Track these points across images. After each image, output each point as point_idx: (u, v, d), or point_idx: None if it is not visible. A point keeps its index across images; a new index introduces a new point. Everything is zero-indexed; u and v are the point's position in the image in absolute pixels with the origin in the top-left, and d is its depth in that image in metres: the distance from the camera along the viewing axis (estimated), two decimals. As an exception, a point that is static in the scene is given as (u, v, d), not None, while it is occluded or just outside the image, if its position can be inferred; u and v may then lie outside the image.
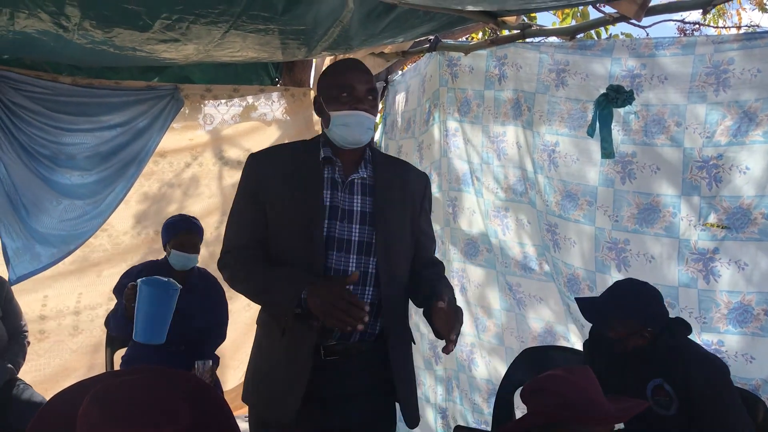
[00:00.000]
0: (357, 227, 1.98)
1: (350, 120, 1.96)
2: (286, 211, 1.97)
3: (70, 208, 3.43)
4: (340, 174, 2.01)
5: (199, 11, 2.49)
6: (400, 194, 2.08)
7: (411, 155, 3.91)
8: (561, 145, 3.02)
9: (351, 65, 2.05)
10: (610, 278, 2.85)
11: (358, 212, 1.99)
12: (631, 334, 2.26)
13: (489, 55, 3.33)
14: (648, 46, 2.75)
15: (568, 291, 3.04)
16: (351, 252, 1.96)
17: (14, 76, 3.19)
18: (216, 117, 3.98)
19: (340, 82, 1.98)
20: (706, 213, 2.61)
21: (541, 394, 1.81)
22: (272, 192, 1.99)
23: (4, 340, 3.08)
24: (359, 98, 1.97)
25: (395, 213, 2.05)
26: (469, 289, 3.59)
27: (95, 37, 2.61)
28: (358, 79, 1.98)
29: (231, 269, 2.02)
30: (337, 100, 1.97)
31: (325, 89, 2.03)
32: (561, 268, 3.06)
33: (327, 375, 1.96)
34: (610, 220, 2.86)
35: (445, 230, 3.68)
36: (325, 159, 2.01)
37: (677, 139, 2.67)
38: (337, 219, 1.96)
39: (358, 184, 2.03)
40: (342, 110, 1.95)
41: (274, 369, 2.00)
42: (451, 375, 3.77)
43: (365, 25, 2.86)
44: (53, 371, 3.76)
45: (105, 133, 3.49)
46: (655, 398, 2.20)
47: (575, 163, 2.97)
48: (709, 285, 2.59)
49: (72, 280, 3.77)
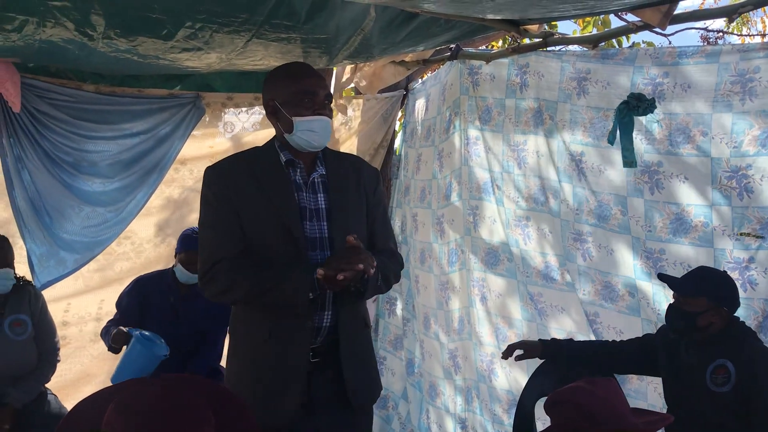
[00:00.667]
0: (325, 224, 2.07)
1: (315, 125, 2.04)
2: (263, 215, 2.02)
3: (92, 215, 3.45)
4: (302, 175, 2.10)
5: (221, 20, 2.51)
6: (355, 186, 2.16)
7: (431, 163, 3.90)
8: (587, 155, 3.00)
9: (308, 71, 2.12)
10: (650, 285, 2.85)
11: (323, 210, 2.08)
12: (709, 310, 2.35)
13: (510, 64, 3.32)
14: (671, 55, 2.72)
15: (602, 299, 3.02)
16: (325, 248, 2.05)
17: (39, 84, 3.23)
18: (236, 125, 4.00)
19: (301, 87, 2.05)
20: (739, 223, 2.58)
21: (564, 406, 1.79)
22: (245, 198, 2.03)
23: (33, 362, 3.06)
24: (321, 103, 2.06)
25: (351, 205, 2.13)
26: (490, 299, 3.57)
27: (119, 45, 2.64)
28: (319, 84, 2.07)
29: (222, 279, 2.01)
30: (300, 105, 2.03)
31: (283, 94, 2.07)
32: (593, 276, 3.04)
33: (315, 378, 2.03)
34: (643, 230, 2.84)
35: (466, 239, 3.66)
36: (288, 162, 2.09)
37: (704, 149, 2.64)
38: (307, 219, 2.05)
39: (318, 182, 2.11)
40: (306, 116, 2.03)
41: (263, 372, 2.02)
42: (471, 385, 3.75)
43: (386, 33, 2.86)
44: (74, 377, 3.78)
45: (127, 140, 3.51)
46: (713, 376, 2.32)
47: (603, 173, 2.95)
48: (746, 293, 2.56)
49: (94, 287, 3.79)
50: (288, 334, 2.00)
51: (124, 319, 3.27)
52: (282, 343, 2.00)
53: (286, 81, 2.09)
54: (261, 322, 2.04)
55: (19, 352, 3.00)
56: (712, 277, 2.43)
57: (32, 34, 2.47)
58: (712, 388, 2.32)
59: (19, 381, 2.99)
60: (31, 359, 3.06)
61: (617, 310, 2.99)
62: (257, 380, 2.03)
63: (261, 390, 2.01)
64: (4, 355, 2.95)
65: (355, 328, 2.15)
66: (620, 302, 2.98)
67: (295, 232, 2.00)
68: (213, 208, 2.05)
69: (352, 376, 2.09)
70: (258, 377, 2.03)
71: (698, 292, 2.37)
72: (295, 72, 2.12)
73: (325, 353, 2.07)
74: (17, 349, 2.99)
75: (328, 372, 2.07)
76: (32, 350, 3.06)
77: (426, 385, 4.08)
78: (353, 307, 2.13)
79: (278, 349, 2.01)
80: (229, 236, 2.02)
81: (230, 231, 2.02)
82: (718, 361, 2.32)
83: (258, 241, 2.03)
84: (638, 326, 2.92)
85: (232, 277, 2.00)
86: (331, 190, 2.11)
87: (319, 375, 2.05)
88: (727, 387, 2.29)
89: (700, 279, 2.41)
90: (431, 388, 4.03)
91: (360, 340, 2.18)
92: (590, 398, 1.78)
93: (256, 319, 2.05)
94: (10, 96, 3.06)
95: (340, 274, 1.85)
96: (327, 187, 2.11)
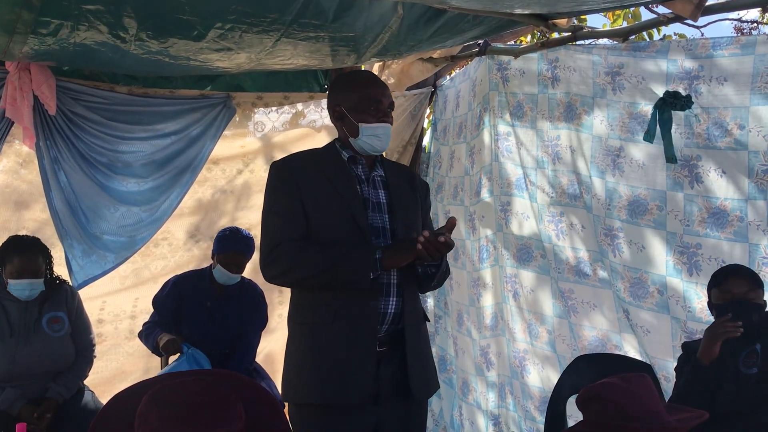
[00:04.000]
0: (387, 216, 2.18)
1: (380, 131, 2.17)
2: (329, 204, 2.11)
3: (127, 214, 3.51)
4: (364, 171, 2.22)
5: (251, 20, 2.53)
6: (409, 190, 2.30)
7: (463, 160, 3.89)
8: (625, 150, 2.97)
9: (375, 80, 2.25)
10: (681, 282, 2.81)
11: (385, 204, 2.20)
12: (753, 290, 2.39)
13: (540, 58, 3.29)
14: (705, 47, 2.68)
15: (631, 296, 2.99)
16: (387, 238, 2.15)
17: (74, 86, 3.29)
18: (267, 124, 4.02)
19: (368, 96, 2.17)
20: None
21: (597, 402, 1.77)
22: (311, 187, 2.12)
23: (71, 358, 3.14)
24: (385, 111, 2.19)
25: (410, 204, 2.27)
26: (522, 295, 3.55)
27: (151, 47, 2.67)
28: (384, 93, 2.20)
29: (284, 260, 2.07)
30: (366, 112, 2.15)
31: (351, 101, 2.18)
32: (623, 272, 3.00)
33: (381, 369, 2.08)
34: (681, 224, 2.80)
35: (498, 235, 3.65)
36: (351, 159, 2.21)
37: (741, 142, 2.60)
38: (370, 210, 2.15)
39: (378, 180, 2.23)
40: (372, 122, 2.15)
41: (330, 354, 2.05)
42: (504, 381, 3.73)
43: (414, 30, 2.86)
44: (110, 374, 3.85)
45: (160, 141, 3.56)
46: (746, 360, 2.37)
47: (642, 167, 2.91)
48: None
49: (129, 286, 3.86)
50: (354, 316, 2.05)
51: (163, 319, 3.33)
52: (349, 324, 2.05)
53: (354, 89, 2.20)
54: (326, 306, 2.07)
55: (58, 347, 3.07)
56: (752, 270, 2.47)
57: (67, 37, 2.52)
58: (743, 371, 2.36)
59: (59, 376, 3.06)
60: (69, 355, 3.13)
61: (646, 308, 2.95)
62: (323, 361, 2.05)
63: (327, 371, 2.04)
64: (44, 351, 3.02)
65: (417, 318, 2.22)
66: (649, 299, 2.93)
67: (359, 221, 2.09)
68: (278, 196, 2.14)
69: (416, 368, 2.13)
70: (324, 359, 2.05)
71: (760, 284, 2.41)
72: (363, 80, 2.24)
73: (390, 343, 2.11)
74: (56, 345, 3.07)
75: (393, 363, 2.11)
76: (70, 346, 3.14)
77: (459, 382, 4.07)
78: (415, 297, 2.21)
79: (346, 330, 2.05)
80: (293, 222, 2.10)
81: (294, 217, 2.10)
82: (751, 347, 2.35)
83: (323, 229, 2.11)
84: (667, 324, 2.88)
85: (293, 257, 2.06)
86: (390, 187, 2.23)
87: (385, 366, 2.09)
88: (754, 369, 2.36)
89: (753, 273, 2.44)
90: (464, 384, 4.02)
91: (422, 332, 2.25)
92: (623, 394, 1.75)
93: (320, 304, 2.09)
94: (46, 99, 3.13)
95: (441, 237, 1.94)
96: (386, 185, 2.24)
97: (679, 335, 2.83)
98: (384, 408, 2.09)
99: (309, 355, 2.09)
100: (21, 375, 2.96)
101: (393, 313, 2.11)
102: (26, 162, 3.43)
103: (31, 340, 3.00)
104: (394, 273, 2.12)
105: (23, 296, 3.01)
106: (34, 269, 3.01)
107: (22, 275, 2.98)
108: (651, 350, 2.95)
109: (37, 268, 3.03)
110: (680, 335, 2.83)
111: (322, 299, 2.08)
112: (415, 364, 2.13)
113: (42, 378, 3.02)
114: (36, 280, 3.01)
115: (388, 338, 2.11)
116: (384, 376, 2.08)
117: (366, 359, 2.05)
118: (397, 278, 2.12)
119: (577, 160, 3.17)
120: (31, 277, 2.99)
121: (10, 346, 2.95)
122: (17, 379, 2.96)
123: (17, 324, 3.00)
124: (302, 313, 2.15)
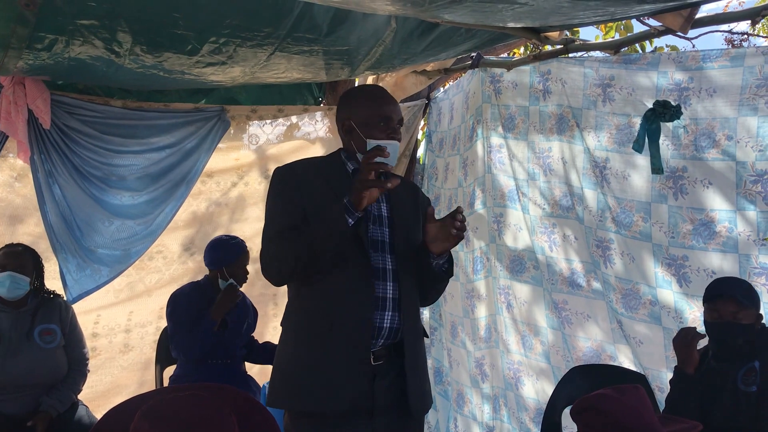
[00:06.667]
0: (387, 230, 2.17)
1: (388, 148, 2.10)
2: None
3: (122, 228, 3.50)
4: None
5: (245, 34, 2.55)
6: (412, 204, 2.29)
7: (456, 172, 3.91)
8: (611, 161, 2.99)
9: (386, 96, 2.22)
10: (671, 293, 2.82)
11: (386, 217, 2.19)
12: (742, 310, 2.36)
13: (532, 71, 3.32)
14: (695, 59, 2.70)
15: (623, 307, 2.99)
16: (385, 251, 2.13)
17: (68, 100, 3.29)
18: (261, 137, 4.03)
19: (379, 112, 2.14)
20: (764, 228, 2.55)
21: (591, 413, 1.78)
22: (313, 194, 2.11)
23: (64, 371, 3.13)
24: (394, 128, 2.16)
25: (411, 218, 2.25)
26: (516, 306, 3.55)
27: (145, 61, 2.69)
28: (394, 110, 2.17)
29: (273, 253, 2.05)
30: (375, 128, 2.13)
31: (361, 116, 2.16)
32: (614, 284, 3.01)
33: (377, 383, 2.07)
34: (666, 236, 2.81)
35: (491, 246, 3.66)
36: (355, 171, 2.19)
37: (729, 153, 2.61)
38: (371, 222, 2.15)
39: (381, 195, 2.16)
40: (379, 138, 2.11)
41: (325, 360, 2.04)
42: (498, 393, 3.73)
43: (408, 43, 2.88)
44: (105, 388, 3.83)
45: (154, 154, 3.56)
46: (744, 377, 2.36)
47: (627, 179, 2.93)
48: None
49: (123, 299, 3.85)
50: (349, 327, 2.04)
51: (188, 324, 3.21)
52: (344, 335, 2.04)
53: (364, 104, 2.18)
54: (323, 315, 2.07)
55: (49, 359, 3.06)
56: (747, 285, 2.43)
57: (61, 52, 2.53)
58: (742, 388, 2.35)
59: (52, 390, 3.05)
60: (61, 367, 3.12)
61: (638, 319, 2.96)
62: (316, 367, 2.05)
63: (319, 378, 2.03)
64: (34, 362, 3.00)
65: (417, 335, 2.20)
66: (642, 310, 2.94)
67: (360, 233, 2.08)
68: (277, 201, 2.14)
69: (414, 385, 2.13)
70: (318, 364, 2.05)
71: (752, 303, 2.38)
72: (373, 96, 2.21)
73: (386, 357, 2.10)
74: (47, 357, 3.05)
75: (389, 378, 2.10)
76: (62, 358, 3.13)
77: (454, 394, 4.06)
78: (415, 313, 2.20)
79: (340, 340, 2.04)
80: (288, 216, 2.09)
81: (295, 222, 2.08)
82: (749, 364, 2.34)
83: None
84: (660, 335, 2.89)
85: (279, 246, 2.04)
86: (392, 201, 2.23)
87: (380, 380, 2.08)
88: (753, 387, 2.33)
89: (747, 289, 2.40)
90: (459, 396, 4.02)
91: (420, 348, 2.23)
92: (617, 406, 1.76)
93: (318, 312, 2.08)
94: (41, 113, 3.13)
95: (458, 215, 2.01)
96: (389, 198, 2.23)
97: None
98: (379, 422, 2.08)
99: (302, 362, 2.08)
100: (10, 385, 2.95)
101: (389, 327, 2.09)
102: (21, 176, 3.43)
103: (21, 350, 2.99)
104: (392, 287, 2.11)
105: (4, 290, 2.97)
106: (19, 264, 3.01)
107: (5, 268, 2.98)
108: (645, 361, 2.96)
109: (22, 264, 3.02)
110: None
111: (319, 309, 2.08)
112: (414, 381, 2.12)
113: (33, 390, 3.00)
114: (20, 275, 3.00)
115: (384, 352, 2.10)
116: (379, 389, 2.07)
117: (360, 370, 2.04)
118: (395, 293, 2.11)
119: (569, 171, 3.19)
120: (13, 270, 2.98)
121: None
122: (6, 389, 2.94)
123: (7, 333, 2.99)
124: (297, 321, 2.14)
